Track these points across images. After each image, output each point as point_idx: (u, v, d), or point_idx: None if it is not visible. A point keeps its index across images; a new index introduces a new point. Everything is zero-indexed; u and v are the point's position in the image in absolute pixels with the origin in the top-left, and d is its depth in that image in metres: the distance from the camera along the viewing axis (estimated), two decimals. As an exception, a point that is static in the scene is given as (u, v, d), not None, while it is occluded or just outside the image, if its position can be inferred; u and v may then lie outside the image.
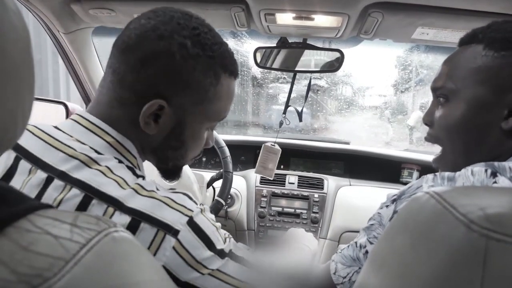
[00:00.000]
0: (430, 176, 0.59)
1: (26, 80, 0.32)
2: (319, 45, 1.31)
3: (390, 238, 0.42)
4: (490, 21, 0.64)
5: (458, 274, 0.34)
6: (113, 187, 0.54)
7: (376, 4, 0.95)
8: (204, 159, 1.89)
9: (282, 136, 2.02)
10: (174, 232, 0.54)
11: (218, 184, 1.37)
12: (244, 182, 1.63)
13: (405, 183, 1.67)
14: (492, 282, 0.32)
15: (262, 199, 1.56)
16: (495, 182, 0.52)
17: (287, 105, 1.50)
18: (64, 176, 0.55)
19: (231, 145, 1.46)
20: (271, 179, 1.52)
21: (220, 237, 0.61)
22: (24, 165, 0.57)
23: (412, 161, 1.70)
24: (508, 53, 0.58)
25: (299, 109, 1.53)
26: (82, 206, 0.53)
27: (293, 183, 1.61)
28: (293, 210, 1.54)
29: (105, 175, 0.56)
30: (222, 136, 1.33)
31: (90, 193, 0.53)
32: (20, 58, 0.30)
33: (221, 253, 0.59)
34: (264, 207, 1.55)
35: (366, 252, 0.65)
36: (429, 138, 0.71)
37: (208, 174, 1.42)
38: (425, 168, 1.67)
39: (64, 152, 0.57)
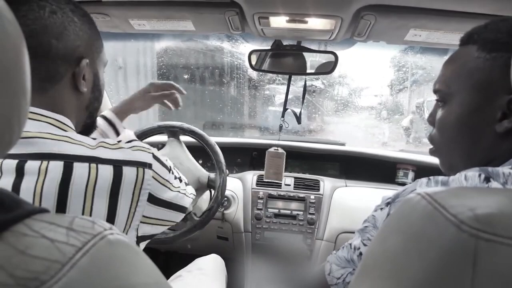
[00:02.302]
0: (424, 180, 0.59)
1: (21, 86, 0.32)
2: (314, 47, 1.32)
3: (383, 239, 0.43)
4: (481, 22, 0.63)
5: (449, 274, 0.34)
6: (83, 149, 0.63)
7: (368, 6, 0.95)
8: (200, 161, 1.89)
9: (275, 138, 2.03)
10: (149, 166, 0.68)
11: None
12: (240, 184, 1.63)
13: (400, 184, 1.68)
14: (482, 281, 0.33)
15: (259, 201, 1.56)
16: (488, 187, 0.52)
17: (284, 108, 1.51)
18: (35, 156, 0.60)
19: (227, 147, 1.46)
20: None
21: (173, 167, 0.80)
22: None
23: (407, 162, 1.71)
24: (498, 54, 0.57)
25: (296, 110, 1.54)
26: (67, 171, 0.59)
27: (289, 185, 1.62)
28: (290, 211, 1.54)
29: (69, 142, 0.62)
30: (217, 138, 1.32)
31: (68, 159, 0.60)
32: (15, 65, 0.31)
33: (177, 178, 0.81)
34: (261, 209, 1.55)
35: (360, 254, 0.66)
36: (429, 138, 0.72)
37: None
38: (420, 169, 1.69)
39: (22, 137, 0.60)
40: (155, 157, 0.71)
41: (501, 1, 0.89)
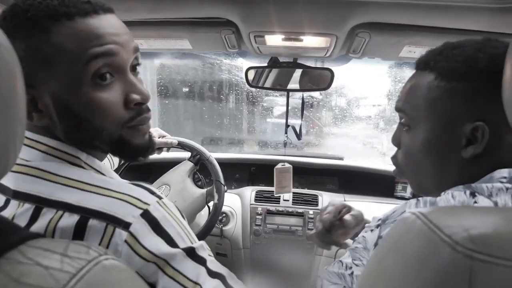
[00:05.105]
0: (413, 201, 0.59)
1: (17, 113, 0.32)
2: (310, 63, 1.33)
3: (379, 260, 0.43)
4: None
5: (445, 295, 0.34)
6: (64, 192, 0.52)
7: (363, 24, 0.97)
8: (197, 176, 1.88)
9: (277, 153, 2.03)
10: (125, 225, 0.49)
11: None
12: (239, 200, 1.63)
13: (399, 198, 1.68)
14: (478, 302, 0.33)
15: (257, 217, 1.56)
16: (475, 202, 0.53)
17: (287, 125, 1.53)
18: (16, 194, 0.52)
19: (225, 163, 1.46)
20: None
21: (186, 235, 0.55)
22: None
23: (405, 175, 1.71)
24: (459, 84, 0.58)
25: (294, 122, 1.56)
26: (33, 218, 0.50)
27: (288, 200, 1.61)
28: (288, 227, 1.53)
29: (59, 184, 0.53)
30: (216, 154, 1.33)
31: (40, 204, 0.51)
32: (11, 92, 0.31)
33: (186, 251, 0.54)
34: (259, 225, 1.54)
35: (352, 273, 0.65)
36: (393, 160, 0.71)
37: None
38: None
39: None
40: (145, 216, 0.51)
41: (494, 18, 0.90)
